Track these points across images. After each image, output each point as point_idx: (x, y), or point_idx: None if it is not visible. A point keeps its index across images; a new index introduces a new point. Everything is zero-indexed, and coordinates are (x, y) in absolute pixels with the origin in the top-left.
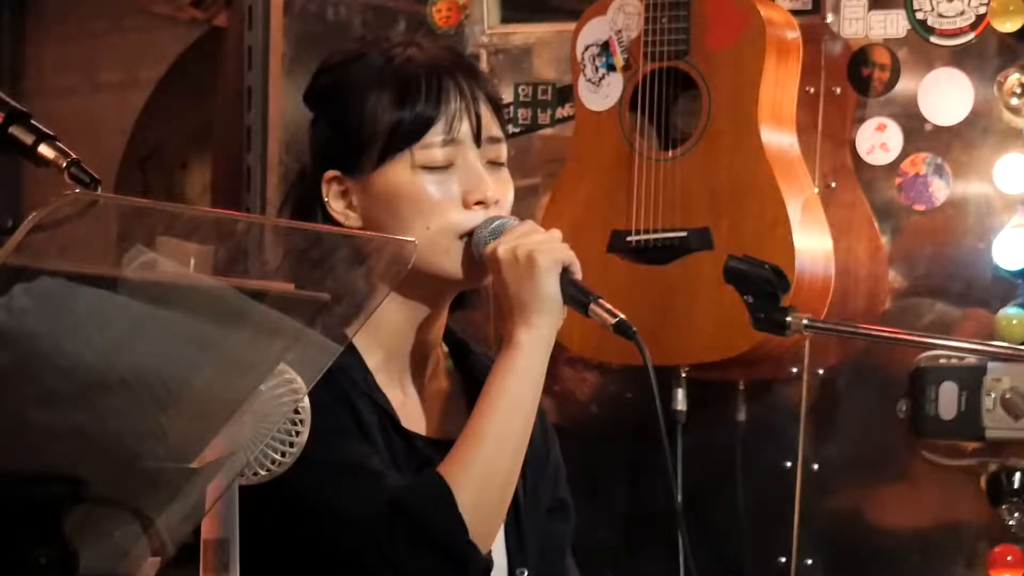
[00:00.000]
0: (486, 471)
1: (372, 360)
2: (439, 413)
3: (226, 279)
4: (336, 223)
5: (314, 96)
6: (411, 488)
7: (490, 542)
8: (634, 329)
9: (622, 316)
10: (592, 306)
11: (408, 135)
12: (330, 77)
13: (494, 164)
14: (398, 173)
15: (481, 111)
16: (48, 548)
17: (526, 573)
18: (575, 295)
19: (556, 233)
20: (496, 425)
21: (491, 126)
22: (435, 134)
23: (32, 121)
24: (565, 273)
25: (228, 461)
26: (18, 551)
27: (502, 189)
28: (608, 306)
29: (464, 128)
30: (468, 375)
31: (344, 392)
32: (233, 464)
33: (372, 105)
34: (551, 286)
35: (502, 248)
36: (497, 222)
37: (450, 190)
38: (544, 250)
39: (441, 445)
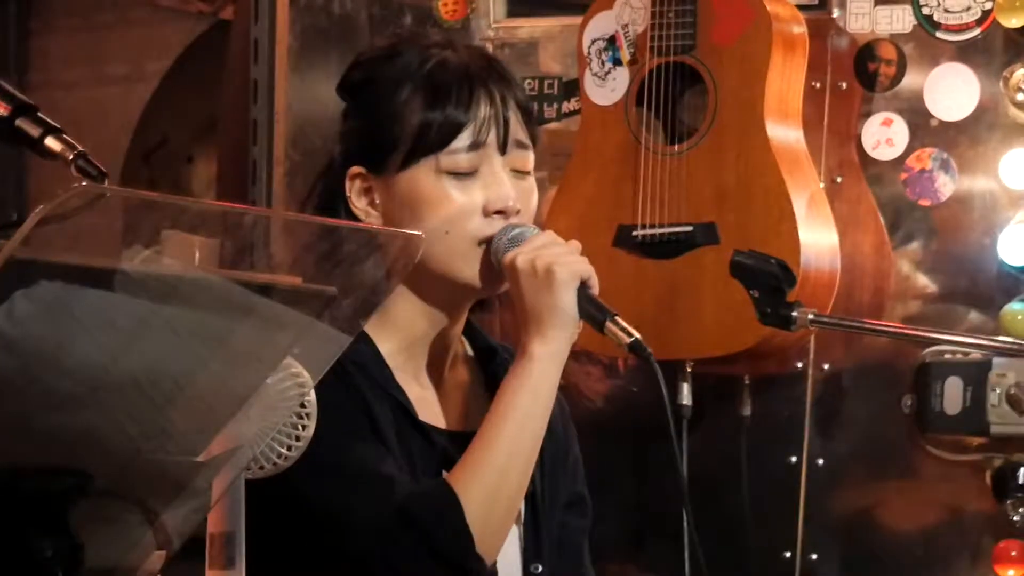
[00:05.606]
0: (495, 483)
1: (390, 354)
2: (458, 405)
3: (232, 273)
4: (357, 219)
5: (346, 89)
6: (419, 497)
7: (496, 553)
8: (649, 350)
9: (637, 336)
10: (608, 323)
11: (435, 140)
12: (363, 72)
13: (519, 172)
14: (422, 176)
15: (510, 118)
16: (54, 540)
17: (541, 568)
18: (591, 311)
19: (575, 245)
20: (506, 437)
21: (519, 133)
22: (462, 140)
23: (39, 114)
24: (583, 288)
25: (234, 455)
26: (25, 543)
27: (525, 199)
28: (624, 324)
29: (491, 136)
30: (488, 367)
31: (358, 390)
32: (239, 458)
33: (402, 106)
34: (568, 300)
35: (521, 258)
36: (517, 230)
37: (472, 197)
38: (563, 263)
39: (460, 437)
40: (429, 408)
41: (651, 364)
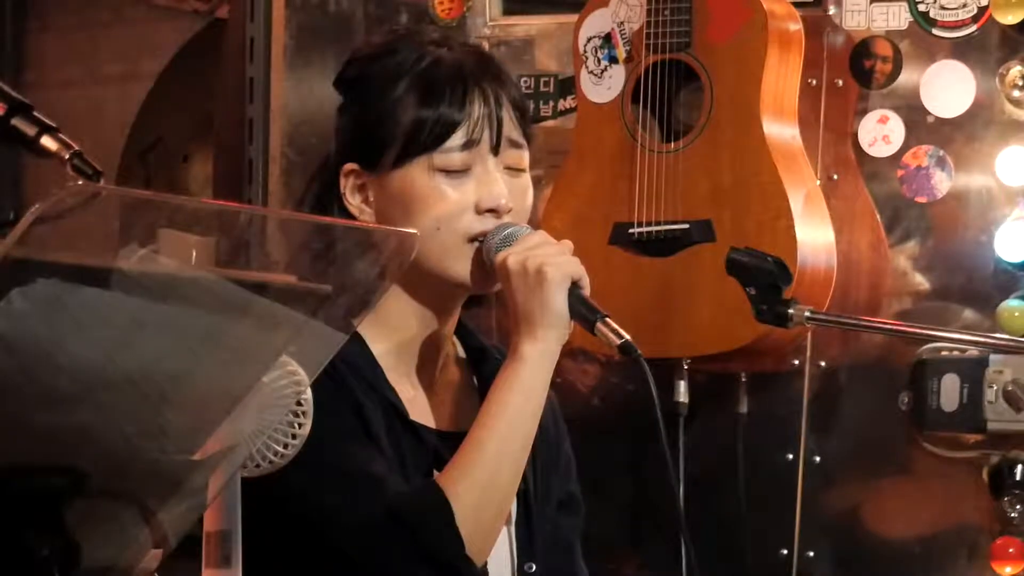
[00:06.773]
0: (485, 483)
1: (381, 354)
2: (449, 405)
3: (228, 271)
4: (351, 216)
5: (341, 85)
6: (409, 497)
7: (486, 554)
8: (639, 352)
9: (628, 337)
10: (599, 324)
11: (429, 138)
12: (358, 68)
13: (513, 170)
14: (415, 174)
15: (504, 117)
16: (50, 540)
17: (534, 567)
18: (583, 312)
19: (567, 245)
20: (497, 437)
21: (512, 132)
22: (455, 139)
23: (35, 113)
24: (574, 288)
25: (230, 453)
26: (20, 543)
27: (518, 197)
28: (614, 325)
29: (485, 135)
30: (480, 367)
31: (350, 390)
32: (235, 456)
33: (396, 103)
34: (559, 301)
35: (512, 258)
36: (509, 230)
37: (465, 194)
38: (554, 264)
39: (451, 437)
40: (420, 408)
41: (641, 365)
